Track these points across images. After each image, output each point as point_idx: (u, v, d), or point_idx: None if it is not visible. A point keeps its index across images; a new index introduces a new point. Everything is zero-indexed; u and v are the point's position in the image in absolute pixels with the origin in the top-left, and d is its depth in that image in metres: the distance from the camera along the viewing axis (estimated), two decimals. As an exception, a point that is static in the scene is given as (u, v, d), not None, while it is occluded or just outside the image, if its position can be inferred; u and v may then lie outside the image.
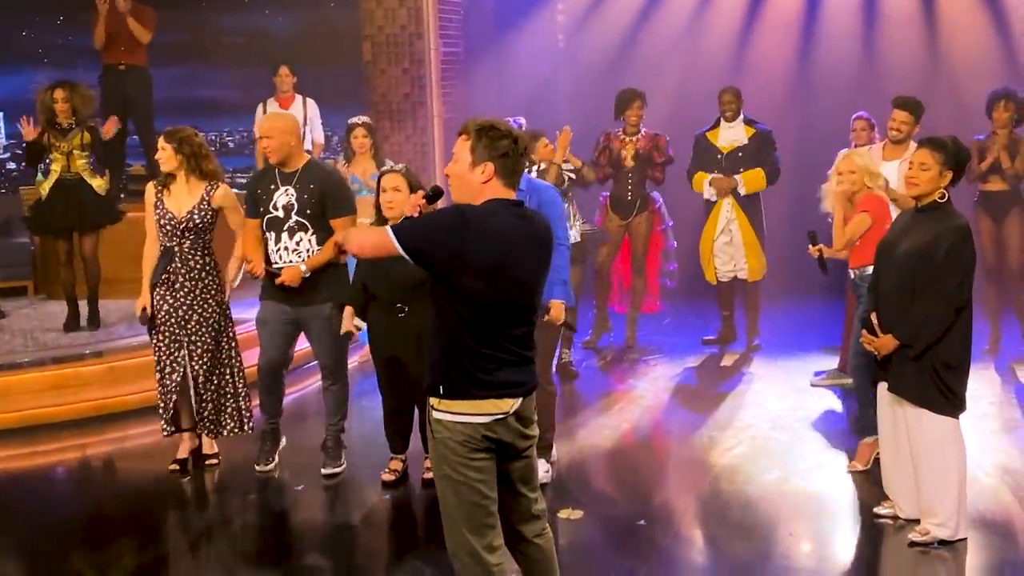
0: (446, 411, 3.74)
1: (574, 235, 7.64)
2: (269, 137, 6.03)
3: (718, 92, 8.86)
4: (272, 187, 6.06)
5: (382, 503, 5.99)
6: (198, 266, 6.26)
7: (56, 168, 8.35)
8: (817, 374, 7.98)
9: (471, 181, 3.74)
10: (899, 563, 5.14)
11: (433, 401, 3.77)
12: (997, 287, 8.51)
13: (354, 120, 8.56)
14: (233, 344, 6.42)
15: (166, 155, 6.22)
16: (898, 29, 10.75)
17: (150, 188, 6.32)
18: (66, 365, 7.89)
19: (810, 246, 6.20)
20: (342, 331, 6.06)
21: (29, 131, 8.17)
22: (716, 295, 9.16)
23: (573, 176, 7.95)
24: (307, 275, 5.98)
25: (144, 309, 6.28)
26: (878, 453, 5.65)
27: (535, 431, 3.93)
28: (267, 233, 6.08)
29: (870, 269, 6.00)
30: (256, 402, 6.49)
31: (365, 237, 4.00)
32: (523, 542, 3.95)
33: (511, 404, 3.77)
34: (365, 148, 8.39)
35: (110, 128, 8.39)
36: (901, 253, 5.04)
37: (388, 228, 3.73)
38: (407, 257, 3.69)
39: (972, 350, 5.09)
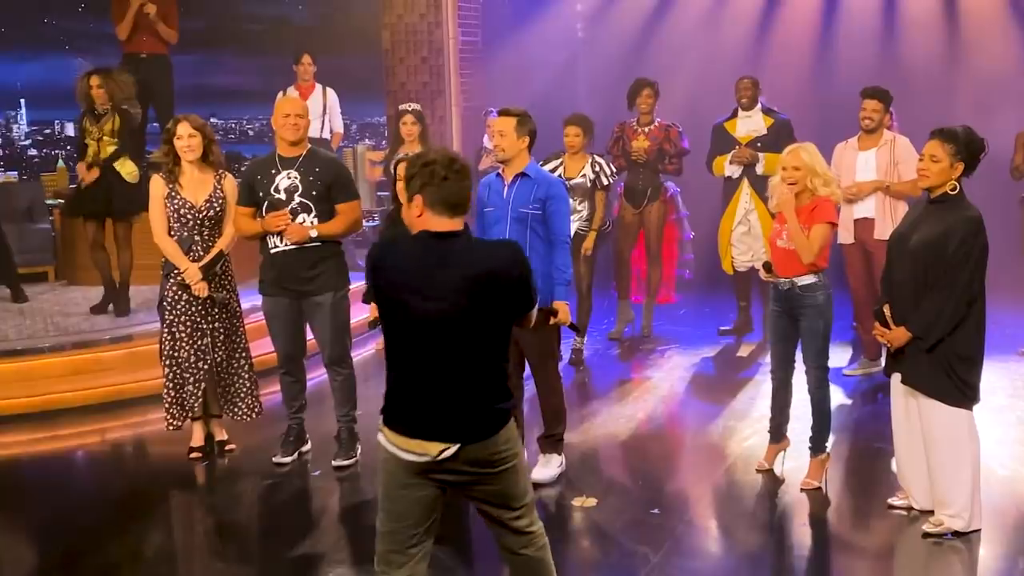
0: (382, 435, 3.64)
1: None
2: (301, 116, 6.04)
3: (735, 81, 8.84)
4: (273, 171, 6.01)
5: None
6: (217, 254, 6.30)
7: (90, 154, 8.43)
8: (850, 365, 8.03)
9: (409, 217, 3.67)
10: (913, 554, 5.14)
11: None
12: None
13: (404, 107, 8.48)
14: (243, 330, 6.47)
15: (196, 142, 6.17)
16: (918, 19, 10.71)
17: (159, 181, 6.22)
18: (86, 350, 7.95)
19: (765, 272, 5.92)
20: (369, 320, 6.10)
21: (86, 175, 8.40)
22: (732, 285, 9.16)
23: (606, 180, 7.98)
24: (314, 235, 5.95)
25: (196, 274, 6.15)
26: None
27: (507, 460, 3.64)
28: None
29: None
30: (266, 389, 6.52)
31: None
32: (510, 554, 3.87)
33: (439, 449, 3.53)
34: (414, 136, 8.26)
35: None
36: (913, 245, 5.02)
37: None
38: None
39: (987, 341, 5.08)
